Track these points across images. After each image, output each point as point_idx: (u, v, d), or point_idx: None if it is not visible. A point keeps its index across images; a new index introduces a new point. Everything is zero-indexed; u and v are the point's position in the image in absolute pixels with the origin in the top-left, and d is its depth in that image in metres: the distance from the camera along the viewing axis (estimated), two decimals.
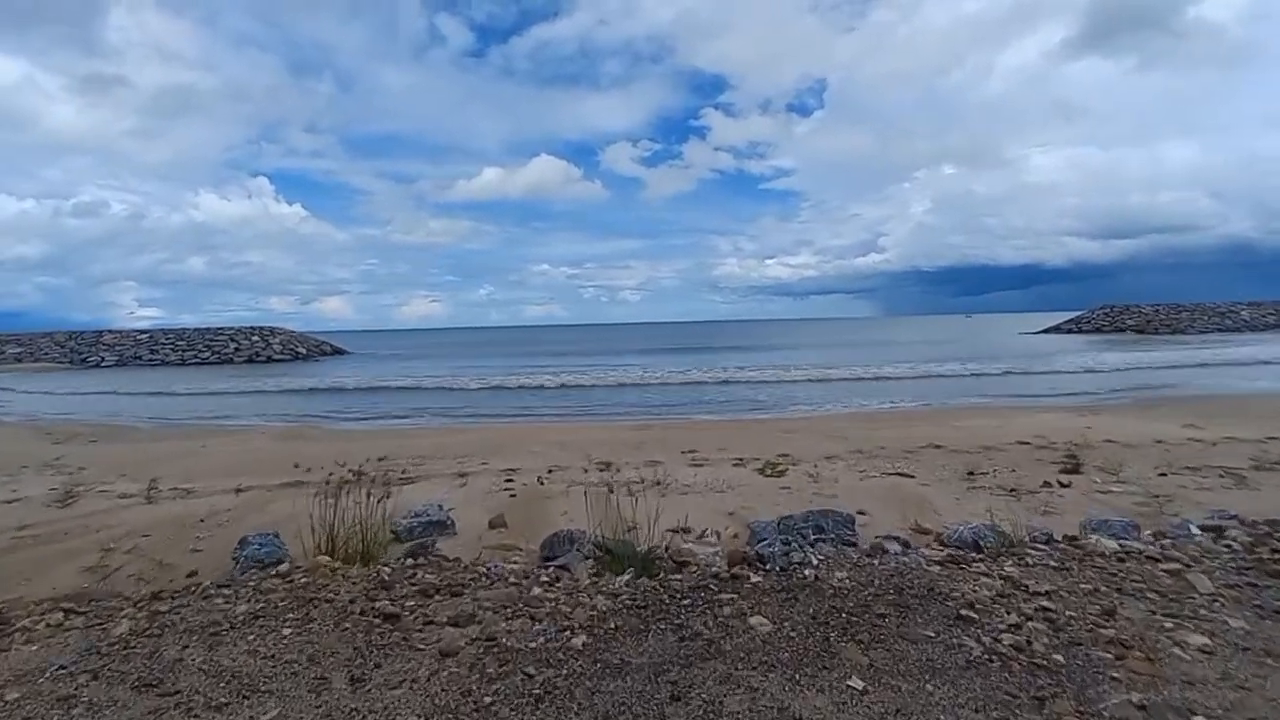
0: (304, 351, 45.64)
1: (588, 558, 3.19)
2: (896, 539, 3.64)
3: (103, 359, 41.44)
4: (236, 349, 43.66)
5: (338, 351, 47.77)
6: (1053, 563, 2.53)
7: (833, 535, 3.22)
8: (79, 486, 6.08)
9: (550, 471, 6.32)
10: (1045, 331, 52.09)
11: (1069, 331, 50.90)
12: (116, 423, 14.23)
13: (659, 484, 5.65)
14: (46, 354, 41.96)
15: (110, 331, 45.12)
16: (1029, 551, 2.64)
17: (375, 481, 5.46)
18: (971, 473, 5.64)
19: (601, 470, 6.39)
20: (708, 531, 3.69)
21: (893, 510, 4.44)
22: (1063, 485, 5.06)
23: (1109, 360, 23.11)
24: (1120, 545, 2.63)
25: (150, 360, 41.47)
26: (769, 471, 5.96)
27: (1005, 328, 66.09)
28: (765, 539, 3.45)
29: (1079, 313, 55.95)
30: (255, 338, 45.23)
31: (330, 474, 6.53)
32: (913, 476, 5.60)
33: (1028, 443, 7.43)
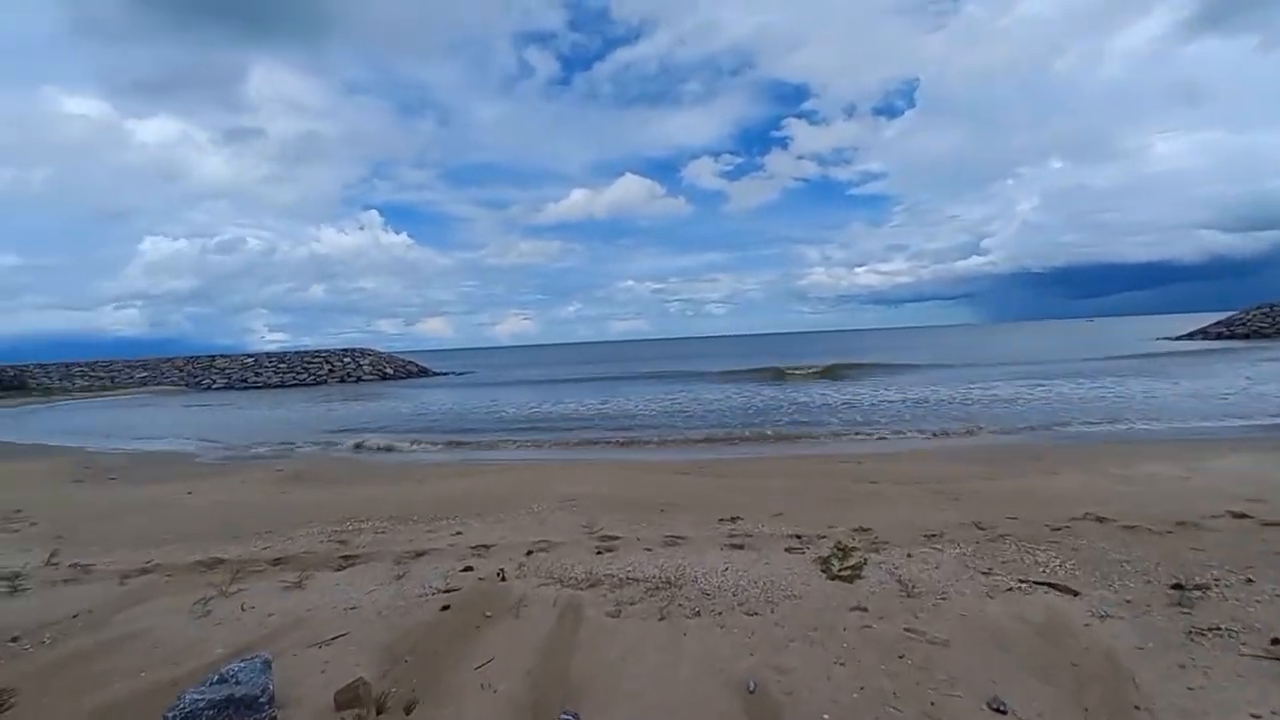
0: (390, 371, 47.22)
1: None
2: None
3: (214, 381, 44.46)
4: (330, 370, 45.72)
5: (422, 371, 49.04)
6: None
7: None
8: None
9: (529, 554, 4.63)
10: (1188, 336, 44.92)
11: (1219, 336, 43.50)
12: (167, 449, 14.01)
13: (668, 585, 3.82)
14: (167, 377, 45.65)
15: (222, 356, 48.51)
16: None
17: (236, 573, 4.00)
18: (1179, 586, 3.39)
19: (600, 552, 4.63)
20: None
21: (1064, 707, 2.37)
22: None
23: None
24: None
25: (254, 382, 44.09)
26: (836, 567, 3.97)
27: (1137, 332, 58.05)
28: None
29: (1228, 313, 47.92)
30: (347, 359, 47.22)
31: (267, 545, 5.20)
32: (1076, 594, 3.42)
33: (1243, 514, 4.92)
